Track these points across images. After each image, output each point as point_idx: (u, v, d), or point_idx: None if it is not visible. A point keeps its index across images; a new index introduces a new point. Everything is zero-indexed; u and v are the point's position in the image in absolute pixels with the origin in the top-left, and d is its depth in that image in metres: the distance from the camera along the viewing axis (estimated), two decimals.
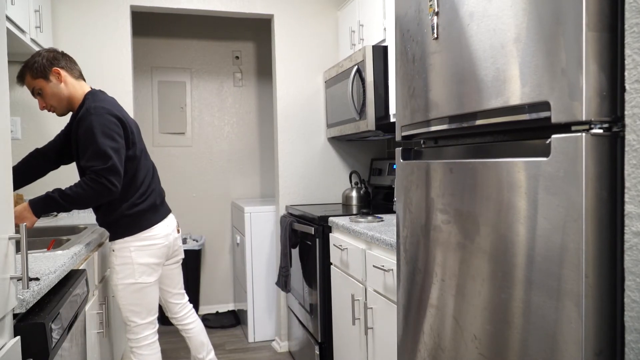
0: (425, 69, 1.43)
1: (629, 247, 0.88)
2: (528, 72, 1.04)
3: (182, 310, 2.52)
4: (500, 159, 1.13)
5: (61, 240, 2.11)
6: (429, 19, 1.39)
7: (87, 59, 3.01)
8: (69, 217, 2.90)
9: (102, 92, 2.25)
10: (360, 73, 2.72)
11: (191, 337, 2.52)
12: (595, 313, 0.93)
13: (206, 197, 4.31)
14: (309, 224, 2.76)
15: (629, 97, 0.88)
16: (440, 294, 1.37)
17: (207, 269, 4.32)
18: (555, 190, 0.98)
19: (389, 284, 1.94)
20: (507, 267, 1.11)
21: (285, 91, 3.40)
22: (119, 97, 3.04)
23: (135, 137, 2.18)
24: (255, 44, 4.39)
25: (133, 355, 2.25)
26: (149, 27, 4.11)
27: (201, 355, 2.52)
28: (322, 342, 2.69)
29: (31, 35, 2.47)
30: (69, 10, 2.99)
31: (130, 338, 2.25)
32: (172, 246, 2.31)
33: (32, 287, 1.27)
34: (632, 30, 0.87)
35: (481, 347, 1.20)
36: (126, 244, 2.15)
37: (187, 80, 4.27)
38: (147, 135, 4.17)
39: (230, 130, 4.38)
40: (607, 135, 0.93)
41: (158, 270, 2.26)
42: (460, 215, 1.27)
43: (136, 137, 2.20)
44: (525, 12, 1.05)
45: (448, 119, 1.34)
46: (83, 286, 1.72)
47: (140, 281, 2.18)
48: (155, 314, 2.30)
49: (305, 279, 2.89)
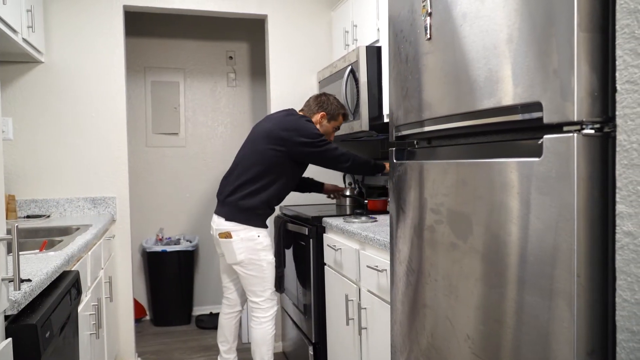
0: (419, 69, 1.43)
1: (620, 246, 0.88)
2: (520, 72, 1.04)
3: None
4: (493, 159, 1.14)
5: (53, 241, 2.10)
6: (422, 19, 1.40)
7: (79, 59, 3.00)
8: (61, 218, 2.89)
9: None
10: (354, 73, 2.72)
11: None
12: (587, 312, 0.93)
13: (200, 198, 4.30)
14: (302, 225, 2.76)
15: (620, 97, 0.88)
16: (433, 294, 1.38)
17: (201, 270, 4.31)
18: (547, 190, 0.98)
19: (382, 284, 1.94)
20: (500, 267, 1.11)
21: (279, 91, 3.40)
22: (111, 97, 3.06)
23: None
24: (249, 44, 4.39)
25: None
26: (142, 27, 4.10)
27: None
28: (316, 342, 2.69)
29: (23, 35, 2.45)
30: (61, 10, 2.97)
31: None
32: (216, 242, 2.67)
33: (23, 289, 1.26)
34: (623, 31, 0.87)
35: (474, 347, 1.21)
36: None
37: (180, 80, 4.26)
38: (140, 136, 4.16)
39: (224, 130, 4.37)
40: (598, 135, 0.93)
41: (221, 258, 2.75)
42: (453, 216, 1.28)
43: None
44: (517, 13, 1.05)
45: (441, 120, 1.34)
46: (75, 287, 1.71)
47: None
48: (224, 294, 2.81)
49: (299, 279, 2.88)
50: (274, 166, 2.51)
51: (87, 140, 3.03)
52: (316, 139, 2.48)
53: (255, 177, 2.51)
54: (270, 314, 2.60)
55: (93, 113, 3.03)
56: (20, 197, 2.93)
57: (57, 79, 2.98)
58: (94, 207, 3.03)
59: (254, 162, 2.52)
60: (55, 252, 1.75)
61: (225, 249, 2.55)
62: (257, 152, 2.52)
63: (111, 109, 3.06)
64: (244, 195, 2.51)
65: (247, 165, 2.54)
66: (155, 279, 4.00)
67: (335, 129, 2.71)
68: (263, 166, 2.50)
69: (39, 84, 2.95)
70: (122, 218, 3.10)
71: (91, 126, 3.03)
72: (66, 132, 2.99)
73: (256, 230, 2.53)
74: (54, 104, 2.97)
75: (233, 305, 2.78)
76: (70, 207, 2.99)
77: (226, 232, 2.52)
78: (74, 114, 3.00)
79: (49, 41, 2.95)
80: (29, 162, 2.94)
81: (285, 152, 2.49)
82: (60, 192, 2.99)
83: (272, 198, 2.56)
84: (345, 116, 2.71)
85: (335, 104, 2.66)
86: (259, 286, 2.56)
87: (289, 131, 2.48)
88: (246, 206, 2.51)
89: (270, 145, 2.49)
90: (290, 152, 2.49)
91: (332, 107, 2.64)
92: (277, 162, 2.50)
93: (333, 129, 2.69)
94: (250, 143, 2.61)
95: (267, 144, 2.50)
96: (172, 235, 4.23)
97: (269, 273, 2.58)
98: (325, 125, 2.65)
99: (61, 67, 2.98)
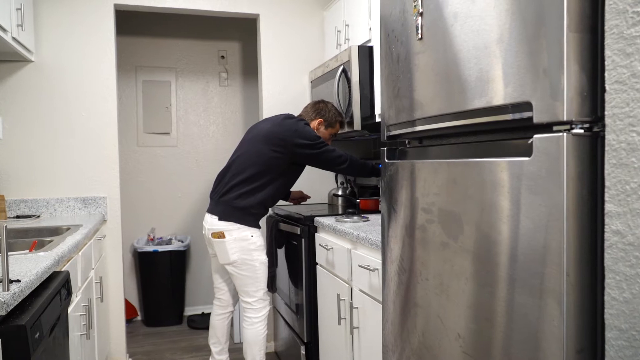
0: (410, 69, 1.44)
1: (609, 245, 0.89)
2: (511, 72, 1.05)
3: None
4: (484, 158, 1.14)
5: (43, 241, 2.08)
6: (414, 19, 1.40)
7: (70, 58, 2.98)
8: (52, 218, 2.87)
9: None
10: (346, 73, 2.72)
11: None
12: (576, 311, 0.94)
13: (191, 198, 4.29)
14: (294, 224, 2.76)
15: (608, 97, 0.89)
16: (424, 293, 1.38)
17: (193, 270, 4.30)
18: (537, 189, 0.99)
19: (374, 284, 1.94)
20: (490, 266, 1.12)
21: (271, 91, 3.39)
22: (102, 97, 3.04)
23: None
24: (241, 43, 4.38)
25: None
26: (133, 26, 4.08)
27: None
28: (308, 342, 2.69)
29: (12, 34, 2.43)
30: (51, 9, 2.95)
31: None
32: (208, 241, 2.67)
33: (12, 289, 1.25)
34: (612, 32, 0.88)
35: (465, 346, 1.21)
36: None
37: (172, 79, 4.24)
38: (132, 135, 4.14)
39: (215, 130, 4.35)
40: (587, 135, 0.94)
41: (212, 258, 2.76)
42: (444, 215, 1.28)
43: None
44: (508, 13, 1.06)
45: (432, 119, 1.35)
46: (66, 288, 1.70)
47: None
48: (216, 294, 2.79)
49: (291, 279, 2.88)
50: (271, 167, 2.51)
51: (78, 140, 3.01)
52: (315, 141, 2.50)
53: (251, 177, 2.51)
54: (262, 314, 2.60)
55: (84, 112, 3.02)
56: (10, 197, 2.90)
57: (48, 78, 2.95)
58: (85, 207, 3.01)
59: (251, 162, 2.52)
60: (45, 252, 1.74)
61: (218, 249, 2.54)
62: (255, 153, 2.52)
63: (102, 108, 3.04)
64: (240, 195, 2.51)
65: (243, 165, 2.53)
66: (147, 279, 3.98)
67: (332, 135, 2.73)
68: (260, 167, 2.50)
69: (29, 83, 2.93)
70: (113, 218, 3.09)
71: (82, 125, 3.01)
72: (56, 131, 2.97)
73: (250, 230, 2.53)
74: (44, 103, 2.95)
75: (225, 306, 2.77)
76: (60, 207, 2.97)
77: (219, 232, 2.51)
78: (64, 113, 2.98)
79: (39, 40, 2.93)
80: (19, 161, 2.92)
81: (285, 153, 2.49)
82: (50, 192, 2.97)
83: (267, 199, 2.56)
84: (342, 124, 2.73)
85: (333, 112, 2.68)
86: (252, 286, 2.56)
87: (288, 132, 2.49)
88: (241, 205, 2.50)
89: (269, 147, 2.50)
90: (290, 154, 2.49)
91: (329, 114, 2.67)
92: (275, 163, 2.51)
93: (330, 135, 2.71)
94: (247, 143, 2.60)
95: (266, 145, 2.50)
96: (164, 235, 4.22)
97: (261, 273, 2.57)
98: (323, 132, 2.67)
99: (51, 66, 2.96)
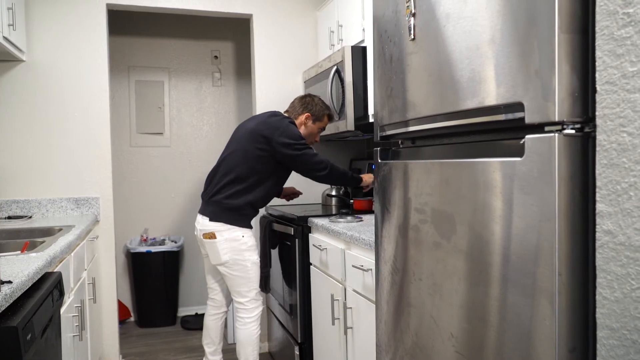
0: (403, 69, 1.44)
1: (600, 245, 0.90)
2: (503, 73, 1.05)
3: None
4: (476, 159, 1.15)
5: (35, 242, 2.07)
6: (406, 20, 1.40)
7: (62, 57, 2.96)
8: (44, 218, 2.85)
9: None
10: (340, 73, 2.73)
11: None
12: (568, 310, 0.95)
13: (185, 198, 4.27)
14: (288, 225, 2.76)
15: (599, 98, 0.89)
16: (417, 293, 1.38)
17: (186, 271, 4.29)
18: (529, 189, 0.99)
19: (368, 284, 1.94)
20: (483, 266, 1.12)
21: (264, 91, 3.39)
22: (95, 97, 3.03)
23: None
24: (234, 43, 4.37)
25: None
26: (126, 26, 4.06)
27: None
28: (302, 342, 2.69)
29: (4, 34, 2.41)
30: (43, 8, 2.93)
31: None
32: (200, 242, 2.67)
33: (4, 290, 1.24)
34: (602, 33, 0.88)
35: (458, 345, 1.21)
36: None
37: (165, 79, 4.23)
38: (124, 136, 4.12)
39: (209, 130, 4.34)
40: (579, 135, 0.94)
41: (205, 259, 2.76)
42: (437, 215, 1.28)
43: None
44: (499, 14, 1.06)
45: (425, 119, 1.35)
46: (58, 289, 1.69)
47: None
48: (210, 295, 2.79)
49: (285, 279, 2.88)
50: (258, 166, 2.50)
51: (70, 140, 2.99)
52: (297, 141, 2.48)
53: (239, 177, 2.50)
54: (255, 315, 2.59)
55: (76, 112, 3.00)
56: (1, 198, 2.88)
57: (39, 77, 2.93)
58: (77, 207, 2.99)
59: (238, 161, 2.51)
60: (37, 253, 1.73)
61: (210, 249, 2.54)
62: (241, 151, 2.51)
63: (95, 108, 3.03)
64: (229, 195, 2.50)
65: (231, 164, 2.53)
66: (140, 279, 3.96)
67: (320, 129, 2.71)
68: (248, 166, 2.50)
69: (20, 83, 2.90)
70: (106, 219, 3.07)
71: (74, 126, 2.99)
72: (48, 131, 2.95)
73: (241, 230, 2.52)
74: (36, 103, 2.93)
75: (218, 306, 2.76)
76: (52, 208, 2.95)
77: (210, 232, 2.51)
78: (56, 113, 2.96)
79: (31, 40, 2.91)
80: (10, 161, 2.90)
81: (269, 151, 2.48)
82: (42, 193, 2.95)
83: (257, 200, 2.56)
84: (330, 117, 2.71)
85: (320, 105, 2.66)
86: (244, 287, 2.55)
87: (271, 130, 2.48)
88: (231, 206, 2.50)
89: (254, 145, 2.49)
90: (274, 153, 2.49)
91: (316, 107, 2.65)
92: (261, 162, 2.50)
93: (318, 129, 2.69)
94: (234, 142, 2.60)
95: (252, 143, 2.49)
96: (157, 235, 4.20)
97: (253, 273, 2.57)
98: (310, 126, 2.65)
99: (43, 66, 2.94)
